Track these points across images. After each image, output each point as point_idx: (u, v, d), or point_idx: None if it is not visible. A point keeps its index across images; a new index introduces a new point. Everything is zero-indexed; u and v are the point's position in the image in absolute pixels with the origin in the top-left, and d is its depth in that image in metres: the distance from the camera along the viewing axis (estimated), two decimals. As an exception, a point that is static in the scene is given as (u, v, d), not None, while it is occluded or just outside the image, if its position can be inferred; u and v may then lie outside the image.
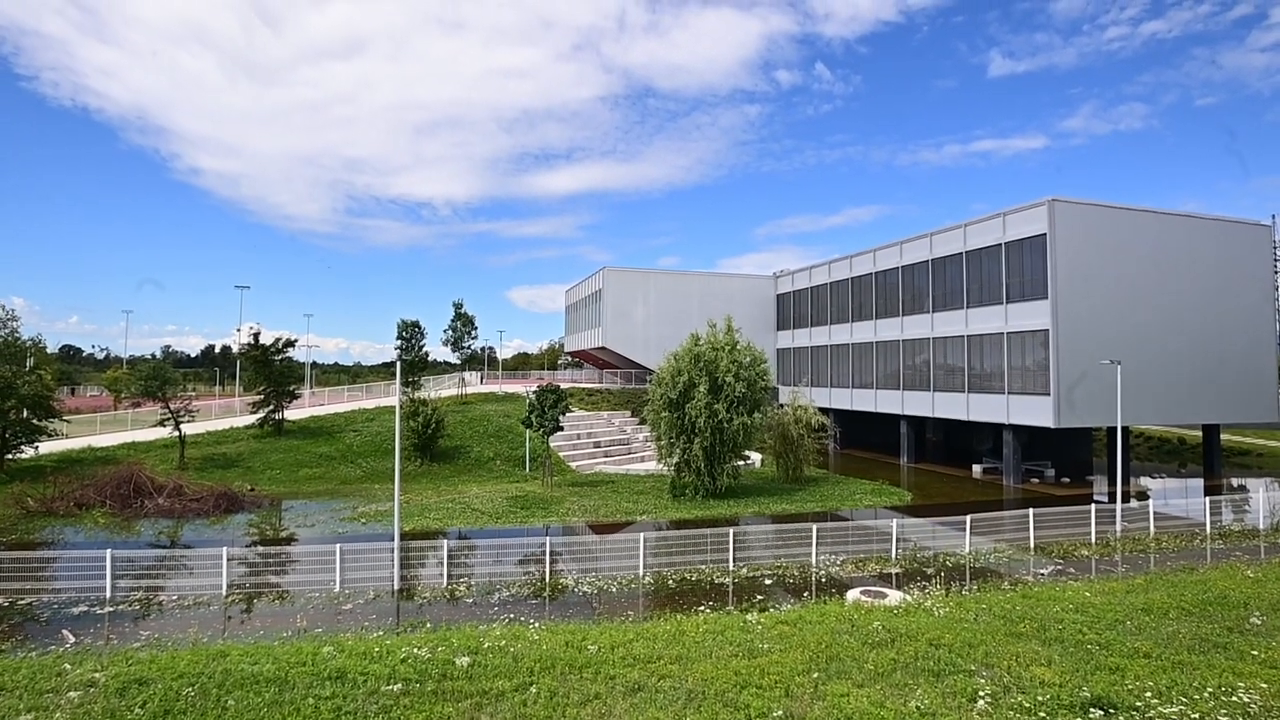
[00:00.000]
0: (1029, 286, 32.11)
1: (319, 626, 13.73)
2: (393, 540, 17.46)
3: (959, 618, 12.85)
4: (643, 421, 37.56)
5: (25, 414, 30.12)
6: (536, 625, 13.12)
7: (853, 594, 15.00)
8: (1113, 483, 29.97)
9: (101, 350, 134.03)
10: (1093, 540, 20.89)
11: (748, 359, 28.73)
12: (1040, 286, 31.39)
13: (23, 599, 15.66)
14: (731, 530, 18.49)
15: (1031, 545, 20.26)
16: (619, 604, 15.44)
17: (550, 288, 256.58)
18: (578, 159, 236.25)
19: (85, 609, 15.18)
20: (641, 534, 18.18)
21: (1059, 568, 18.23)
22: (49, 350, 37.73)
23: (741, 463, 30.11)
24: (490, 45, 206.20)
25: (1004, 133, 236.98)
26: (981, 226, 35.15)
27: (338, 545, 16.94)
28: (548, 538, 19.40)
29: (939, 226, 38.24)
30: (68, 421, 33.74)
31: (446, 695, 9.37)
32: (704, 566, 17.84)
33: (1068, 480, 33.86)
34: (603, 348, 53.68)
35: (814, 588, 16.52)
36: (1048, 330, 30.87)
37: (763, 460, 36.40)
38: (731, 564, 17.96)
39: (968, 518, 20.24)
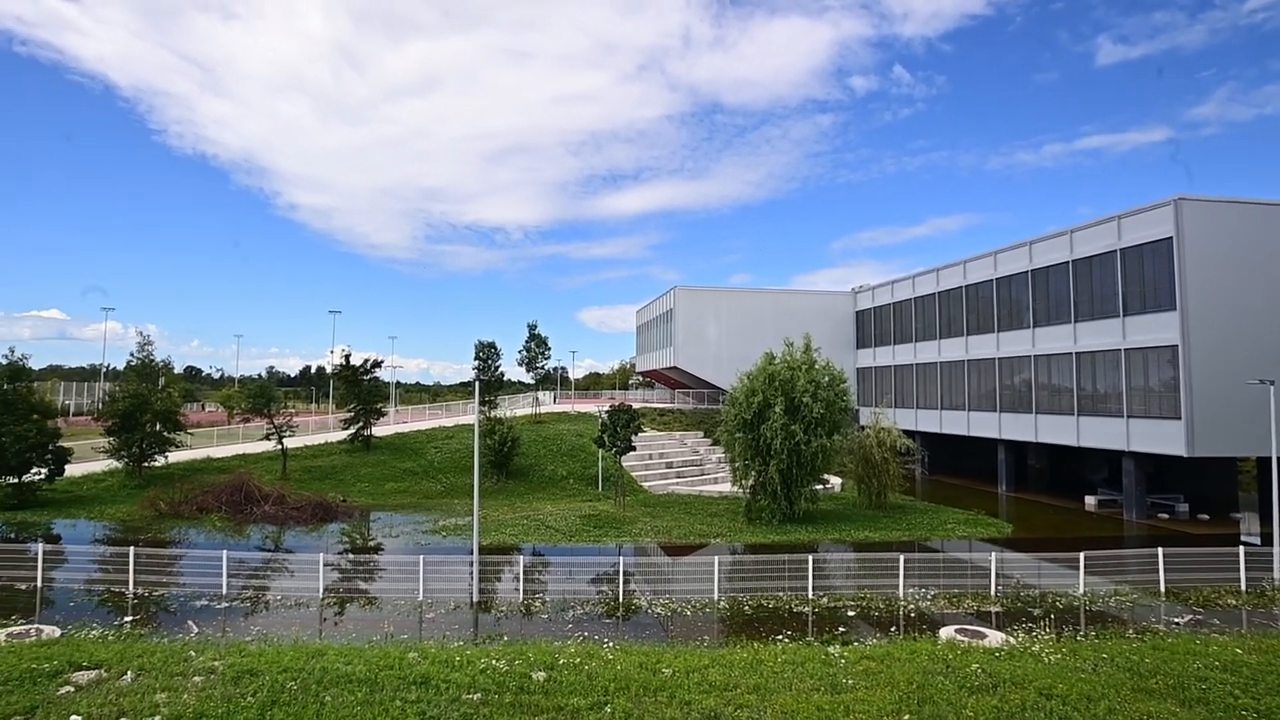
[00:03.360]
0: (1152, 297, 29.61)
1: (404, 633, 14.57)
2: (471, 554, 18.28)
3: (1074, 666, 11.91)
4: (716, 442, 37.55)
5: (158, 427, 33.38)
6: (610, 645, 13.39)
7: (946, 632, 14.42)
8: (1266, 522, 26.40)
9: (217, 370, 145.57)
10: (1243, 588, 18.38)
11: (826, 378, 28.22)
12: (1166, 297, 28.83)
13: (157, 590, 17.60)
14: (810, 557, 18.18)
15: (1161, 589, 18.23)
16: (693, 628, 15.49)
17: (620, 308, 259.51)
18: (645, 179, 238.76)
19: (205, 603, 16.87)
20: (716, 557, 18.23)
21: (1198, 618, 16.29)
22: (176, 371, 41.49)
23: (820, 487, 29.56)
24: (556, 72, 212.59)
25: (1117, 126, 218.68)
26: (1091, 232, 32.88)
27: (420, 557, 17.86)
28: (620, 557, 19.75)
29: (1040, 234, 36.16)
30: (191, 434, 37.08)
31: (524, 708, 9.75)
32: (781, 594, 17.62)
33: (1206, 517, 30.34)
34: (674, 367, 53.85)
35: (901, 623, 15.96)
36: (1177, 346, 28.25)
37: (843, 485, 35.60)
38: (811, 592, 17.64)
39: (1081, 554, 18.55)
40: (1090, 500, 33.83)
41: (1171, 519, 30.26)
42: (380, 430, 41.54)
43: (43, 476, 30.09)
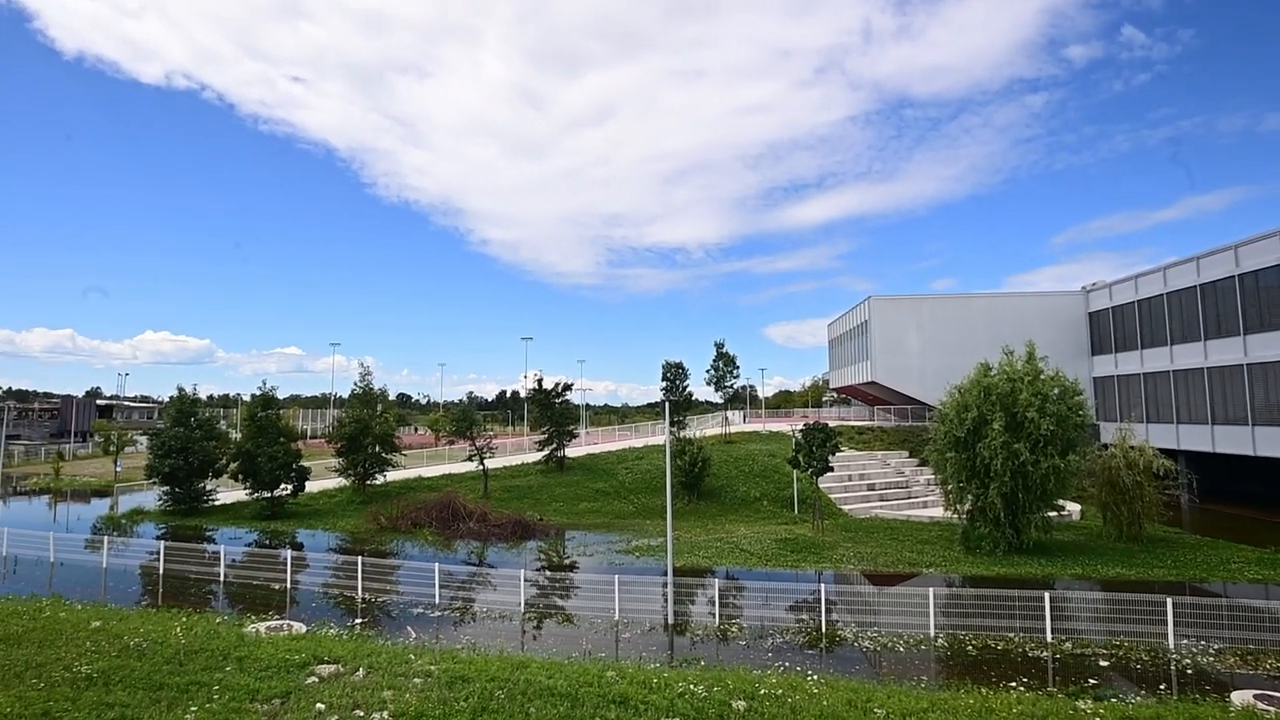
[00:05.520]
0: None
1: (601, 651, 15.01)
2: (664, 575, 18.48)
3: None
4: (923, 462, 35.12)
5: (377, 449, 38.00)
6: (814, 678, 12.83)
7: (1240, 696, 12.14)
8: None
9: (424, 396, 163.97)
10: None
11: (1055, 391, 25.31)
12: None
13: (380, 597, 19.86)
14: (1047, 594, 16.23)
15: None
16: (907, 666, 14.49)
17: (809, 322, 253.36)
18: (829, 186, 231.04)
19: (421, 611, 18.65)
20: (930, 589, 16.87)
21: None
22: (390, 397, 47.16)
23: (1053, 514, 26.33)
24: (729, 86, 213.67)
25: None
26: None
27: (615, 576, 18.36)
28: (821, 585, 18.94)
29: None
30: (405, 455, 41.70)
31: (724, 736, 9.55)
32: (1012, 634, 15.93)
33: None
34: (872, 382, 51.40)
35: (1174, 680, 13.69)
36: None
37: (1083, 512, 31.48)
38: (1049, 635, 15.76)
39: None
40: None
41: None
42: (572, 451, 43.84)
43: (288, 492, 35.41)
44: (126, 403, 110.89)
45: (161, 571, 22.77)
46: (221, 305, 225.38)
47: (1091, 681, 13.44)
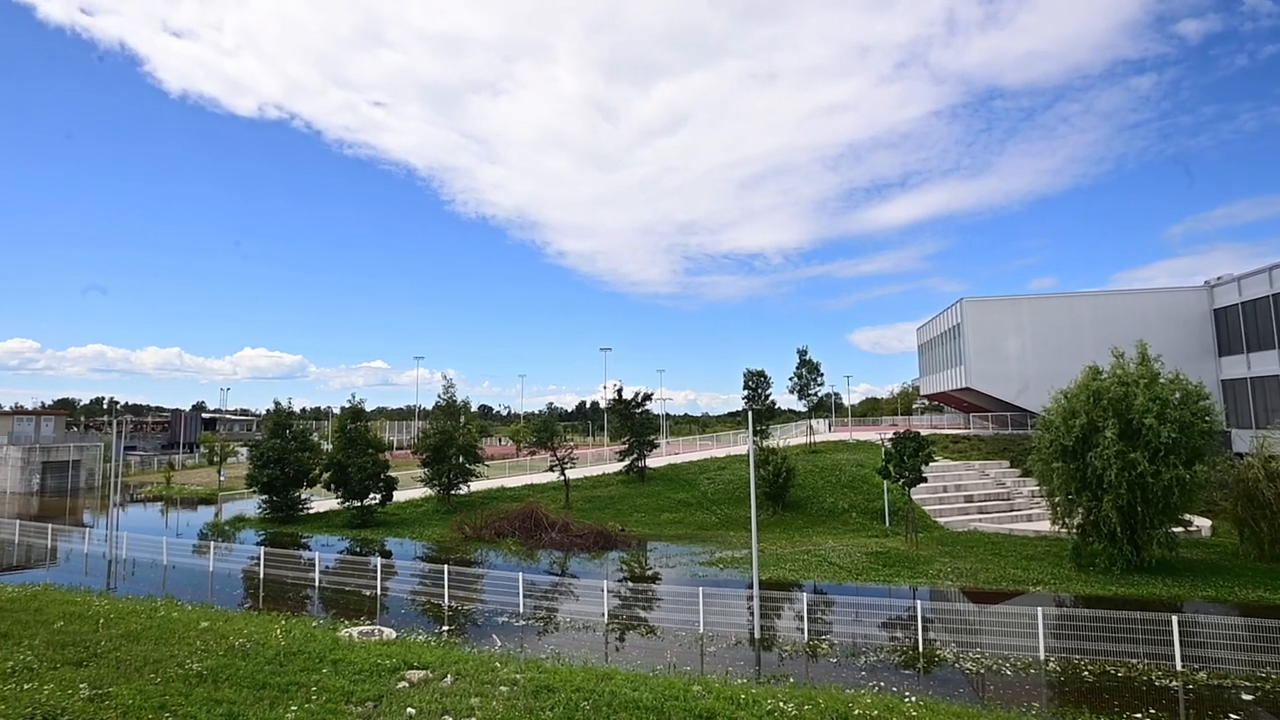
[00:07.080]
0: None
1: (686, 664, 14.92)
2: (749, 588, 18.18)
3: None
4: (1026, 473, 33.42)
5: (461, 460, 39.18)
6: (912, 699, 12.29)
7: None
8: None
9: (504, 408, 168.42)
10: None
11: (1177, 395, 23.57)
12: None
13: (466, 605, 20.43)
14: (1175, 618, 15.02)
15: None
16: (1015, 690, 13.74)
17: (896, 327, 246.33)
18: (914, 185, 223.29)
19: (505, 619, 19.07)
20: (1039, 609, 15.92)
21: None
22: (472, 409, 48.59)
23: (1178, 529, 24.43)
24: (804, 88, 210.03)
25: None
26: None
27: (700, 589, 18.22)
28: (917, 601, 18.22)
29: None
30: (487, 466, 42.83)
31: (817, 757, 9.26)
32: (1135, 660, 14.88)
33: None
34: (967, 388, 49.18)
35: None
36: None
37: (1214, 528, 29.09)
38: (1179, 663, 14.60)
39: None
40: None
41: None
42: (653, 461, 43.89)
43: (377, 501, 36.93)
44: (228, 416, 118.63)
45: (262, 576, 24.15)
46: (312, 323, 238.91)
47: (1233, 717, 12.40)
